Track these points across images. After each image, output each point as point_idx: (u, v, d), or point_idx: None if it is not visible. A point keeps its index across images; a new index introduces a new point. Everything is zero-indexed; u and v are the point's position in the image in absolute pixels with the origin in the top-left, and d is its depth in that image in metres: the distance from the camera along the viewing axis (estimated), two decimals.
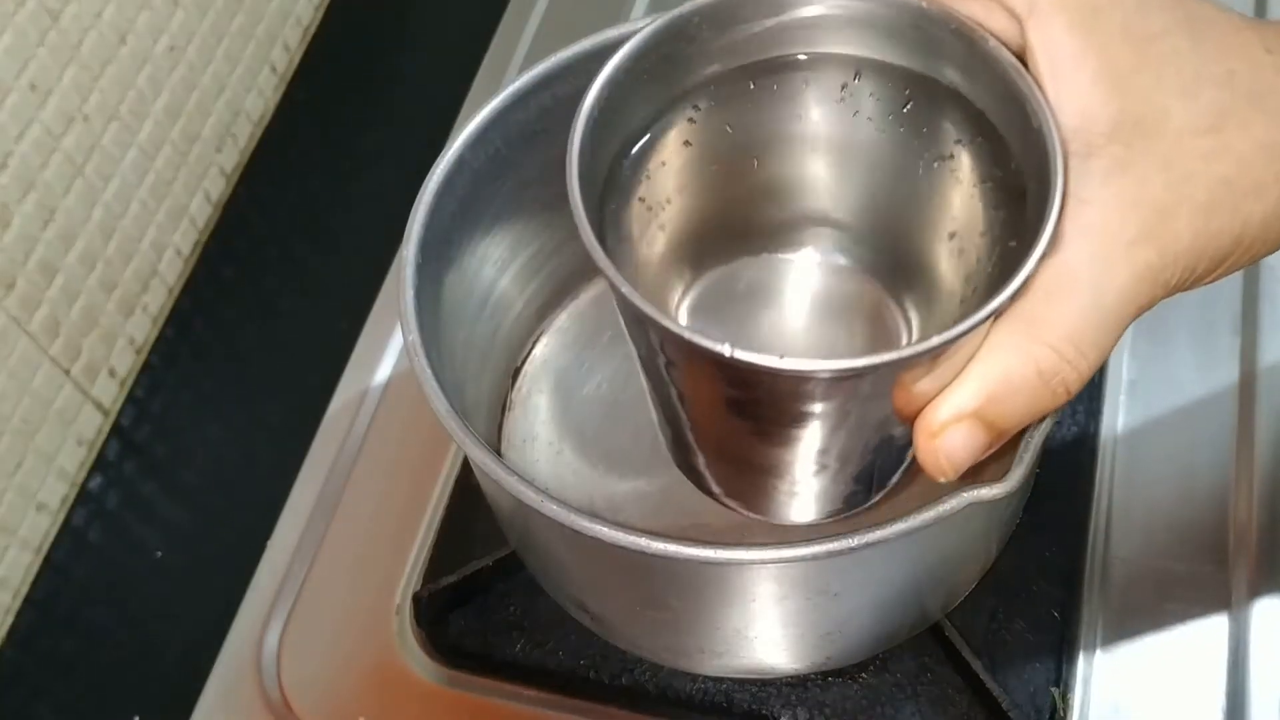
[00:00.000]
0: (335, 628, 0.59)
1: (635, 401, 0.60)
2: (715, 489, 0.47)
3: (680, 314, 0.46)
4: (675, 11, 0.41)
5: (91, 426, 0.66)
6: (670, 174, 0.44)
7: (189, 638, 0.60)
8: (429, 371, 0.46)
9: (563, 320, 0.63)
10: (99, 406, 0.67)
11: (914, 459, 0.39)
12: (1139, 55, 0.36)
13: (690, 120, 0.43)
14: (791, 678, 0.54)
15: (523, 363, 0.62)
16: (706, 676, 0.55)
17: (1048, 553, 0.56)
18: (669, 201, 0.44)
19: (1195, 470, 0.59)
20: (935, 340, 0.35)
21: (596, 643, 0.56)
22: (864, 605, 0.50)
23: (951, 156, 0.41)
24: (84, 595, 0.63)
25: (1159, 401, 0.61)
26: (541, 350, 0.62)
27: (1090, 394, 0.60)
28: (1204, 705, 0.53)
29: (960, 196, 0.42)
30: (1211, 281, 0.39)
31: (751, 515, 0.47)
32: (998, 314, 0.36)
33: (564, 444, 0.60)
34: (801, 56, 0.42)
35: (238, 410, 0.68)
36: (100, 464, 0.66)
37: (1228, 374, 0.61)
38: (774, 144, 0.44)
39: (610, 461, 0.59)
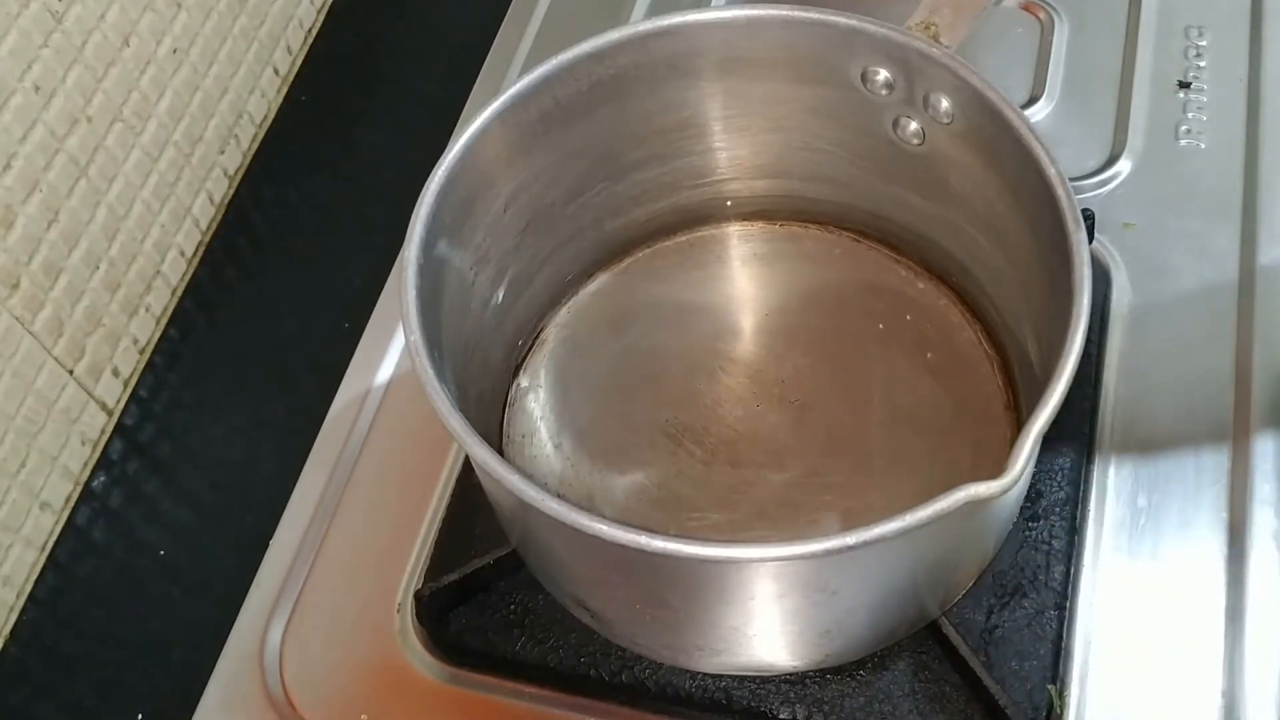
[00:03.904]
0: (337, 625, 0.59)
1: (634, 397, 0.61)
2: None
3: None
4: None
5: (95, 426, 0.67)
6: None
7: (192, 635, 0.60)
8: (430, 371, 0.46)
9: (562, 317, 0.64)
10: (102, 406, 0.67)
11: None
12: None
13: None
14: (790, 675, 0.54)
15: (523, 360, 0.62)
16: (705, 674, 0.55)
17: (1045, 550, 0.56)
18: None
19: (1193, 468, 0.59)
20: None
21: (596, 640, 0.56)
22: (862, 603, 0.50)
23: None
24: (87, 593, 0.63)
25: (1155, 400, 0.61)
26: (541, 348, 0.63)
27: (1086, 393, 0.61)
28: (1201, 703, 0.54)
29: None
30: None
31: None
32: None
33: (563, 440, 0.60)
34: None
35: (240, 409, 0.68)
36: (104, 463, 0.67)
37: (1224, 372, 0.62)
38: None
39: (610, 456, 0.59)
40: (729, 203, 0.64)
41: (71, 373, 0.64)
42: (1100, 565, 0.57)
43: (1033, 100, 0.72)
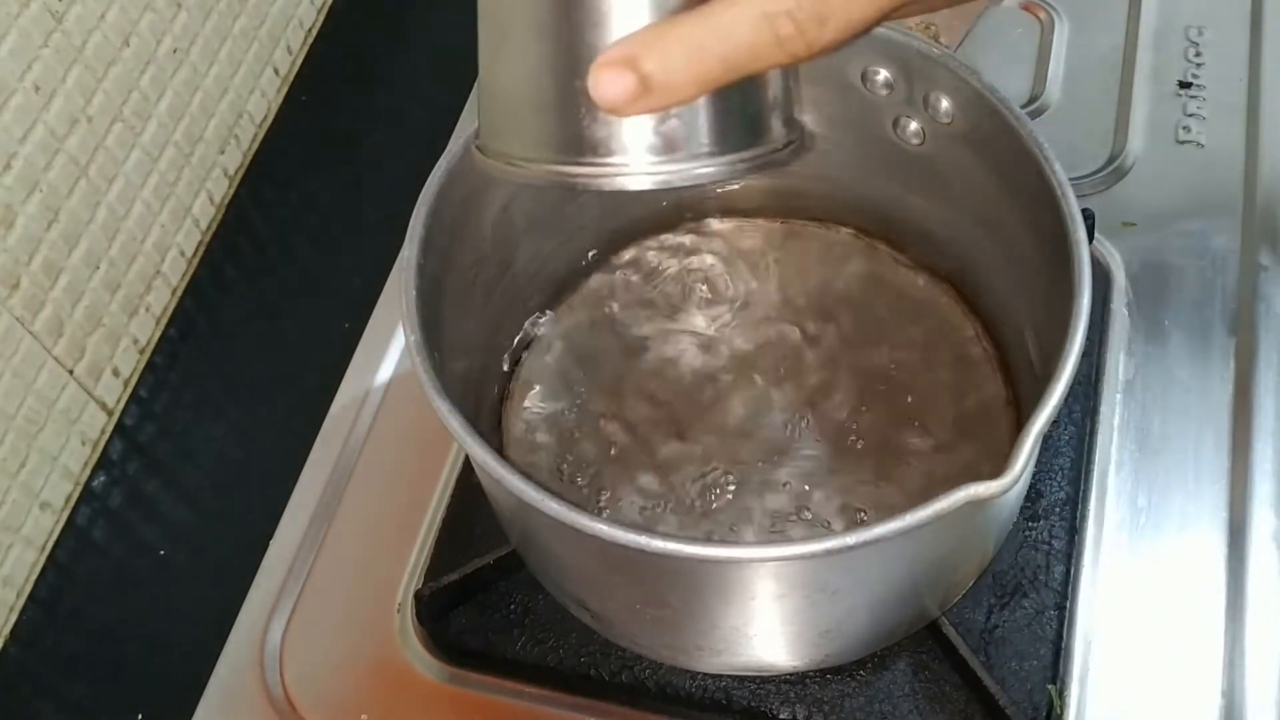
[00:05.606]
0: (337, 625, 0.59)
1: (634, 396, 0.61)
2: None
3: None
4: None
5: (95, 426, 0.67)
6: None
7: (192, 635, 0.60)
8: (430, 371, 0.46)
9: (562, 317, 0.64)
10: (102, 406, 0.67)
11: None
12: None
13: None
14: (790, 675, 0.55)
15: (522, 359, 0.62)
16: (706, 674, 0.55)
17: (1045, 550, 0.56)
18: None
19: (1193, 468, 0.59)
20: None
21: (596, 640, 0.56)
22: (862, 603, 0.50)
23: None
24: (87, 593, 0.63)
25: (1155, 399, 0.61)
26: (541, 347, 0.63)
27: (1087, 392, 0.61)
28: (1201, 703, 0.54)
29: None
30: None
31: None
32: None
33: (563, 439, 0.60)
34: None
35: (240, 409, 0.68)
36: (104, 463, 0.66)
37: (1223, 372, 0.62)
38: None
39: (609, 456, 0.59)
40: (729, 201, 0.64)
41: (71, 373, 0.64)
42: (1100, 565, 0.57)
43: (1033, 100, 0.72)
